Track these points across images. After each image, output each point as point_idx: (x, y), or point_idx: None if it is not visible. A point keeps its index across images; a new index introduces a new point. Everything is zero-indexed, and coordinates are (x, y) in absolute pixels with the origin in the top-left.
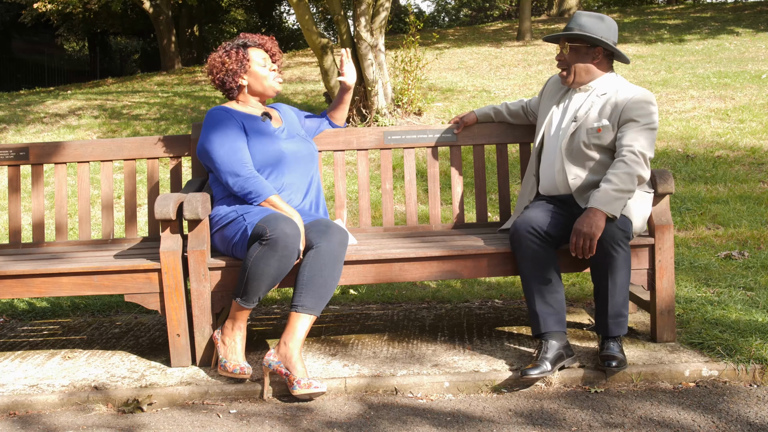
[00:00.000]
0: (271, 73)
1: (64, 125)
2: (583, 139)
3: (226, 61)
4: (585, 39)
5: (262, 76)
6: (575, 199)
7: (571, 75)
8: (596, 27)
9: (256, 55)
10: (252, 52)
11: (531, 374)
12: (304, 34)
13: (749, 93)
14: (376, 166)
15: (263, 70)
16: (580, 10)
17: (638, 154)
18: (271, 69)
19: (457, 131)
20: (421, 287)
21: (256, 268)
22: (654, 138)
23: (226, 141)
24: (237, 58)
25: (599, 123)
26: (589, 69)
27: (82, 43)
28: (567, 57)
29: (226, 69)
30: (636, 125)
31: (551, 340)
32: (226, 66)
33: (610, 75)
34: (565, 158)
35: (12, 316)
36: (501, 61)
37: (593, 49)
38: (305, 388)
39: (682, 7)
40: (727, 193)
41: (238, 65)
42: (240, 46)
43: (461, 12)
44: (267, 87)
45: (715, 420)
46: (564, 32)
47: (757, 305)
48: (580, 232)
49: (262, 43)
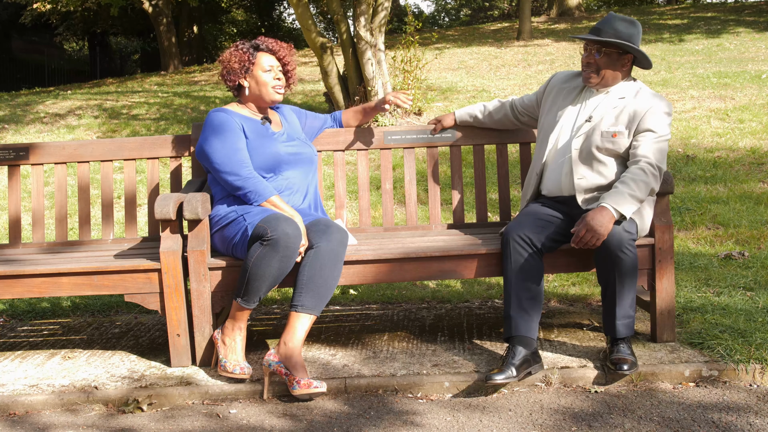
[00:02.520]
0: (274, 81)
1: (64, 125)
2: (596, 142)
3: (232, 58)
4: (621, 47)
5: (263, 82)
6: (577, 201)
7: (598, 78)
8: (630, 33)
9: (265, 60)
10: (261, 56)
11: (495, 379)
12: (304, 34)
13: (749, 93)
14: (376, 166)
15: (265, 76)
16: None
17: (656, 168)
18: (275, 77)
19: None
20: (421, 287)
21: (257, 268)
22: (666, 150)
23: (225, 142)
24: (242, 59)
25: (615, 128)
26: (616, 75)
27: (82, 43)
28: (598, 61)
29: (230, 66)
30: (653, 136)
31: (519, 346)
32: (231, 63)
33: (629, 79)
34: (575, 159)
35: (12, 316)
36: (501, 61)
37: (624, 56)
38: (305, 388)
39: (682, 7)
40: (727, 193)
41: (240, 65)
42: (251, 47)
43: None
44: (264, 94)
45: (715, 420)
46: (601, 38)
47: (757, 305)
48: (589, 226)
49: (275, 50)
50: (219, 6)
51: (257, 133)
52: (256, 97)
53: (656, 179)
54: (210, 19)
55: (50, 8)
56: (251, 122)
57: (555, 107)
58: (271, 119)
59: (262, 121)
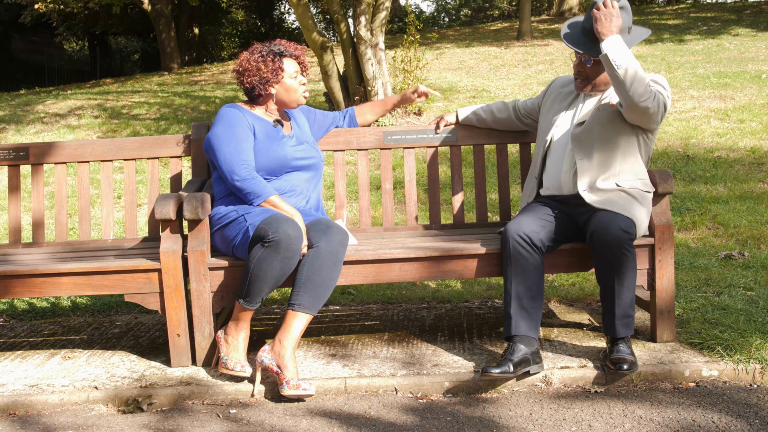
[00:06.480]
0: (300, 87)
1: (64, 125)
2: (594, 122)
3: (261, 67)
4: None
5: (293, 89)
6: (578, 195)
7: (589, 86)
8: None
9: (290, 66)
10: (286, 62)
11: (491, 372)
12: (304, 34)
13: (749, 93)
14: (376, 166)
15: (294, 83)
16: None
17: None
18: (301, 83)
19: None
20: (421, 287)
21: (258, 270)
22: (663, 103)
23: (232, 139)
24: (273, 68)
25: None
26: (608, 80)
27: (82, 43)
28: (588, 70)
29: (260, 75)
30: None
31: (519, 344)
32: (261, 72)
33: None
34: (574, 152)
35: (12, 316)
36: (501, 61)
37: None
38: (293, 389)
39: (682, 7)
40: (727, 193)
41: (272, 75)
42: (277, 55)
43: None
44: (293, 99)
45: (715, 420)
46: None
47: (757, 305)
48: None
49: (297, 55)
50: (219, 6)
51: (267, 134)
52: (284, 103)
53: (655, 96)
54: (210, 19)
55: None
56: (263, 123)
57: (553, 110)
58: (283, 122)
59: (275, 124)
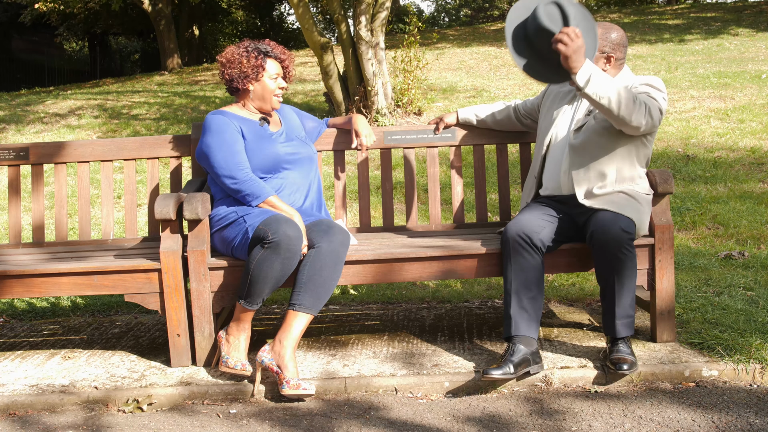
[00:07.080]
0: (278, 90)
1: (64, 125)
2: (590, 131)
3: (243, 62)
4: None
5: (269, 90)
6: (576, 197)
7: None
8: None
9: (272, 67)
10: (270, 62)
11: (492, 374)
12: (304, 34)
13: (749, 93)
14: (376, 166)
15: (272, 84)
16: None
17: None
18: (279, 86)
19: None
20: (421, 287)
21: (259, 271)
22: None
23: (223, 145)
24: (255, 64)
25: None
26: None
27: (82, 43)
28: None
29: (240, 69)
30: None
31: (519, 344)
32: (242, 66)
33: (623, 72)
34: (572, 153)
35: (12, 316)
36: (501, 61)
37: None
38: (293, 389)
39: (682, 7)
40: (727, 193)
41: (252, 71)
42: (262, 53)
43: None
44: (267, 101)
45: (715, 420)
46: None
47: (757, 305)
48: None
49: (282, 59)
50: (219, 6)
51: (255, 134)
52: (258, 102)
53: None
54: (210, 19)
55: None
56: (249, 123)
57: (552, 110)
58: (270, 119)
59: (260, 122)
